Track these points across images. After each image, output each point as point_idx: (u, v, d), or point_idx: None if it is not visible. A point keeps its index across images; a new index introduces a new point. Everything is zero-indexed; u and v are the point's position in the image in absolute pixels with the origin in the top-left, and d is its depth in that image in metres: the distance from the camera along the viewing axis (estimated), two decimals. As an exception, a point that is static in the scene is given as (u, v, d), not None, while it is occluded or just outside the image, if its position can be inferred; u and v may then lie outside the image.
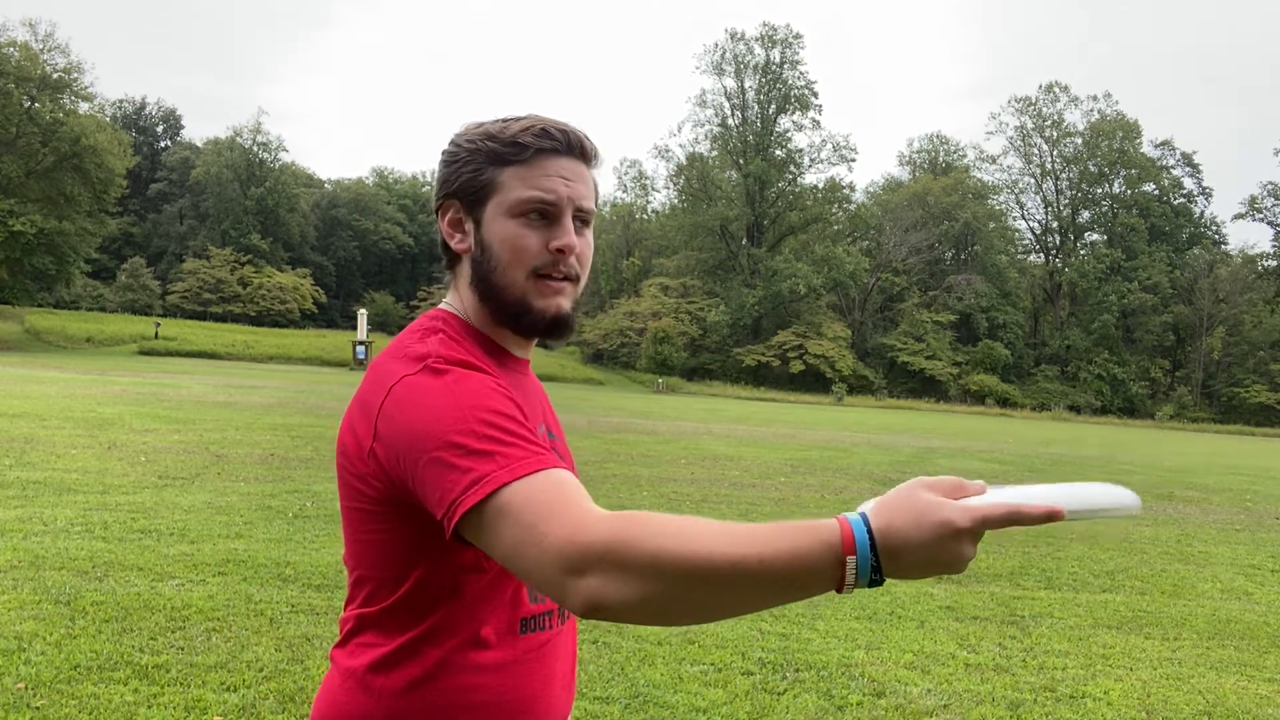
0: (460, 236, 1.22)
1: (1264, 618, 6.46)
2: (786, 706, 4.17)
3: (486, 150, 1.19)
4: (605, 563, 0.90)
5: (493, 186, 1.19)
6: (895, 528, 0.89)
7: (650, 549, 0.89)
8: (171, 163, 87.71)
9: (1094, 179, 79.35)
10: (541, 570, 0.94)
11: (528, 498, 0.97)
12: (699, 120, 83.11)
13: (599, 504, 1.00)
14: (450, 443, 1.02)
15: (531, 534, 0.95)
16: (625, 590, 0.90)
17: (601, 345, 69.36)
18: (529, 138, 1.18)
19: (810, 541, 0.88)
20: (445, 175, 1.23)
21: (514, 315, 1.21)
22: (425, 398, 1.06)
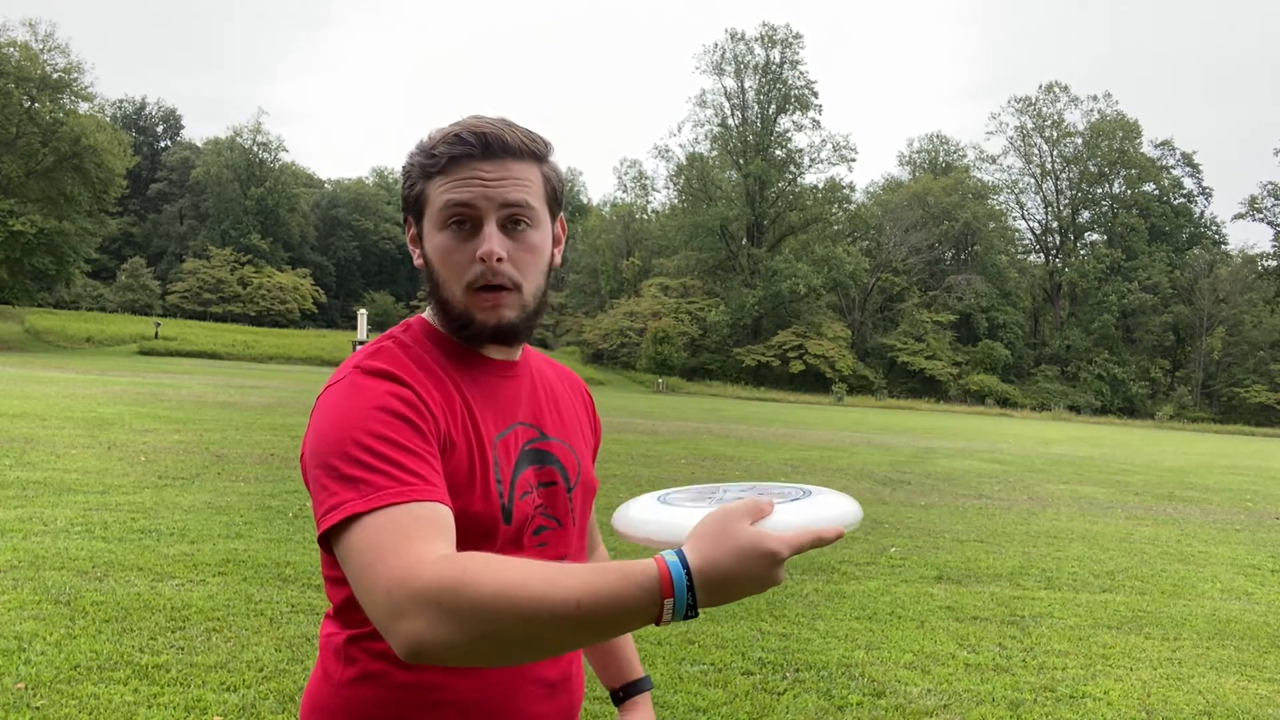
0: (418, 252, 1.22)
1: (1264, 618, 6.46)
2: (786, 706, 4.17)
3: (417, 164, 1.17)
4: (427, 608, 0.90)
5: (424, 199, 1.17)
6: (718, 563, 0.92)
7: (472, 596, 0.90)
8: (171, 163, 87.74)
9: (1094, 179, 79.35)
10: (372, 609, 0.95)
11: (372, 533, 0.97)
12: (699, 120, 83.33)
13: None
14: (325, 463, 1.03)
15: (367, 571, 0.96)
16: (446, 635, 0.90)
17: (601, 345, 69.36)
18: (443, 145, 1.14)
19: (628, 587, 0.91)
20: (401, 193, 1.22)
21: (460, 327, 1.19)
22: (324, 412, 1.08)
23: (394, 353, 1.15)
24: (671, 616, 0.92)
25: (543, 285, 1.22)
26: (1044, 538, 9.32)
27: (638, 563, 0.93)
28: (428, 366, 1.16)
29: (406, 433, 1.05)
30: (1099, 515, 11.38)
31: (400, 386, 1.09)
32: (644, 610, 0.92)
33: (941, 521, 9.98)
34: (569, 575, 0.92)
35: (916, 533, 9.09)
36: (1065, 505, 12.20)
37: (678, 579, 0.91)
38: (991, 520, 10.34)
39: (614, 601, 0.91)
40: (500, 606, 0.90)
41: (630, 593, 0.91)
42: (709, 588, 0.92)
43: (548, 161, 1.21)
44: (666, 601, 0.91)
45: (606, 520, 1.23)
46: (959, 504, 11.59)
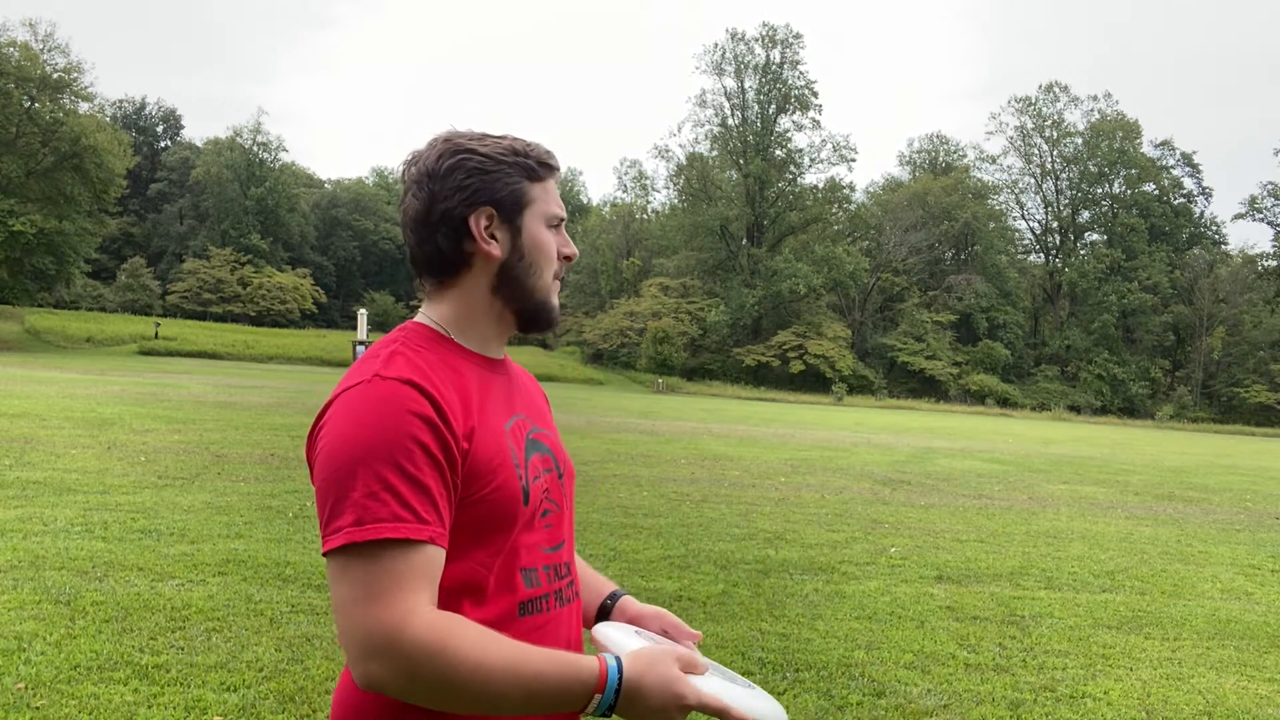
0: (492, 243, 1.29)
1: (1264, 618, 6.45)
2: (786, 706, 4.17)
3: (521, 165, 1.29)
4: (399, 663, 1.05)
5: (528, 198, 1.30)
6: (643, 683, 1.12)
7: (440, 669, 1.06)
8: (171, 163, 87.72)
9: (1094, 179, 79.34)
10: (348, 639, 1.07)
11: (368, 569, 1.08)
12: (699, 120, 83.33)
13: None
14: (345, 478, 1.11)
15: (355, 606, 1.07)
16: (406, 689, 1.07)
17: (601, 345, 69.35)
18: (547, 159, 1.32)
19: (573, 682, 1.11)
20: (476, 185, 1.27)
21: (535, 312, 1.34)
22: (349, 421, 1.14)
23: (409, 359, 1.21)
24: (595, 710, 1.12)
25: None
26: (1044, 538, 9.32)
27: (585, 660, 1.13)
28: (438, 368, 1.22)
29: (421, 464, 1.12)
30: (1099, 515, 11.38)
31: (423, 398, 1.15)
32: (577, 699, 1.11)
33: (941, 521, 9.98)
34: (529, 662, 1.10)
35: (916, 533, 9.09)
36: (1065, 505, 12.20)
37: (610, 682, 1.12)
38: (991, 520, 10.34)
39: (557, 691, 1.10)
40: (461, 684, 1.07)
41: (573, 686, 1.11)
42: (628, 698, 1.12)
43: None
44: (596, 696, 1.11)
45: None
46: (959, 504, 11.59)
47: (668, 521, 8.72)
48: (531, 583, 1.27)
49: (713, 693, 1.14)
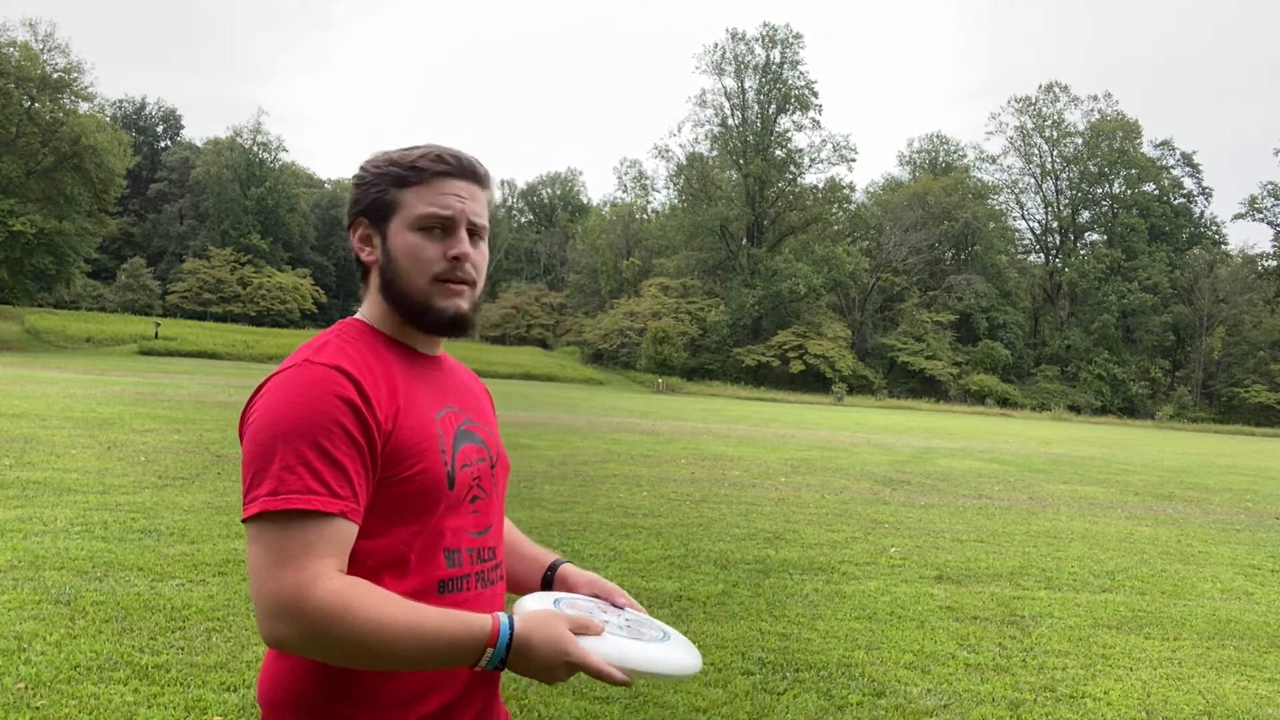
0: (369, 250, 1.39)
1: (1264, 618, 6.45)
2: (786, 706, 4.17)
3: (390, 174, 1.37)
4: (303, 625, 1.14)
5: (396, 205, 1.36)
6: (531, 642, 1.22)
7: (343, 630, 1.15)
8: (171, 163, 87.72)
9: (1094, 179, 79.36)
10: (260, 595, 1.16)
11: (281, 536, 1.17)
12: (699, 120, 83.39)
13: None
14: (267, 451, 1.20)
15: (267, 568, 1.16)
16: (308, 647, 1.17)
17: (601, 345, 69.36)
18: (426, 163, 1.36)
19: (465, 638, 1.20)
20: (355, 196, 1.40)
21: (418, 315, 1.37)
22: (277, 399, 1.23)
23: (340, 346, 1.31)
24: (486, 663, 1.22)
25: (484, 288, 1.44)
26: (1044, 538, 9.32)
27: (479, 618, 1.22)
28: (368, 356, 1.32)
29: (340, 443, 1.21)
30: (1099, 515, 11.38)
31: (348, 382, 1.25)
32: (471, 654, 1.21)
33: (941, 521, 9.98)
34: (425, 621, 1.19)
35: (916, 533, 9.09)
36: (1065, 505, 12.20)
37: (501, 639, 1.22)
38: (991, 520, 10.34)
39: (452, 646, 1.20)
40: (362, 643, 1.15)
41: (467, 642, 1.20)
42: (517, 653, 1.22)
43: (490, 188, 1.44)
44: (489, 650, 1.21)
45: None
46: (959, 504, 11.59)
47: (668, 521, 8.72)
48: (454, 563, 1.35)
49: (598, 654, 1.24)
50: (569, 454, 14.36)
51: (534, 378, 58.15)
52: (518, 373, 58.87)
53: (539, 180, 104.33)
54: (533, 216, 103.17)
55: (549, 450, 14.72)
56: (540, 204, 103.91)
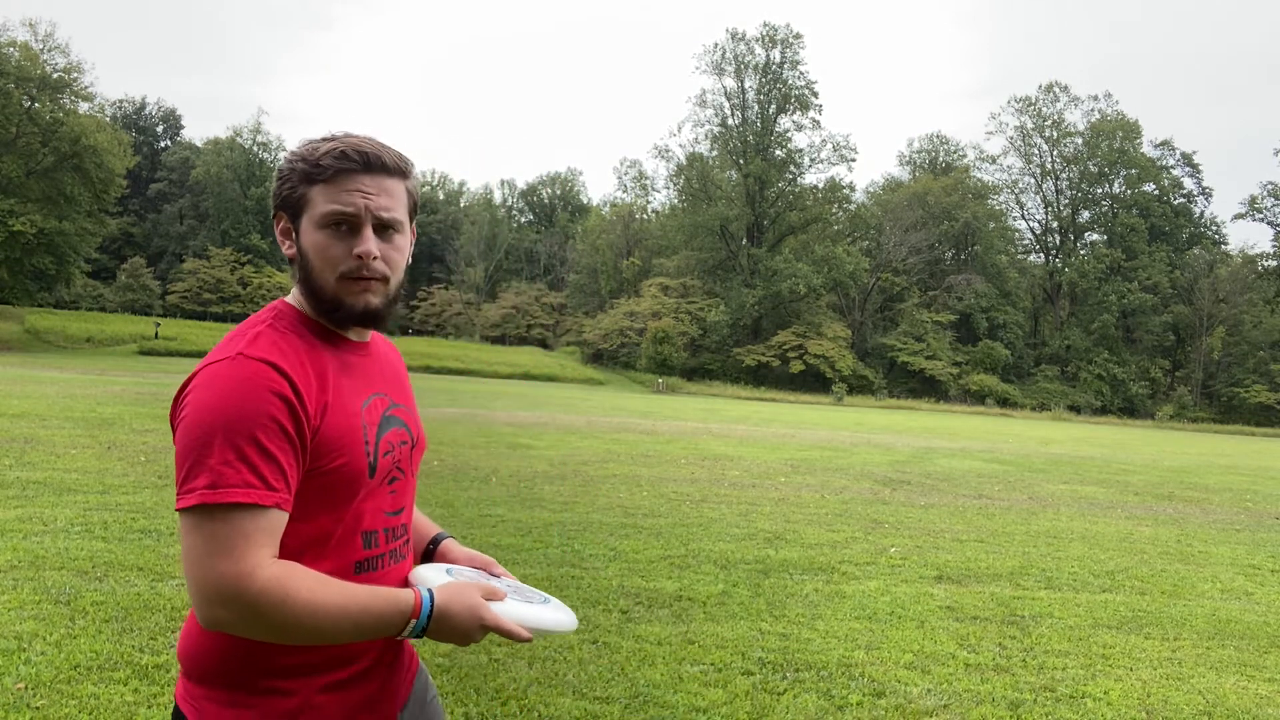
0: (289, 243, 1.43)
1: (1264, 618, 6.45)
2: (786, 706, 4.17)
3: (299, 170, 1.38)
4: (243, 610, 1.22)
5: (305, 201, 1.39)
6: (450, 610, 1.34)
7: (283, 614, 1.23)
8: (171, 163, 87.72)
9: (1094, 179, 79.35)
10: (199, 583, 1.23)
11: (218, 526, 1.22)
12: (699, 120, 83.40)
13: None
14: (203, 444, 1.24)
15: (208, 556, 1.22)
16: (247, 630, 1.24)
17: (601, 345, 69.35)
18: (329, 159, 1.37)
19: (393, 612, 1.30)
20: (275, 190, 1.43)
21: (330, 311, 1.40)
22: (211, 392, 1.27)
23: (272, 339, 1.35)
24: (409, 633, 1.33)
25: (402, 280, 1.46)
26: (1044, 538, 9.32)
27: (404, 593, 1.32)
28: (300, 349, 1.36)
29: (274, 438, 1.26)
30: (1099, 515, 11.38)
31: (281, 377, 1.29)
32: (395, 627, 1.31)
33: (941, 521, 9.98)
34: (355, 599, 1.28)
35: (916, 533, 9.09)
36: (1065, 505, 12.20)
37: (424, 609, 1.32)
38: (991, 520, 10.34)
39: (380, 620, 1.29)
40: (297, 623, 1.24)
41: (393, 616, 1.30)
42: (437, 621, 1.33)
43: (410, 177, 1.45)
44: (412, 621, 1.32)
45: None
46: (959, 504, 11.59)
47: (668, 521, 8.72)
48: (370, 544, 1.43)
49: (506, 615, 1.38)
50: (569, 454, 14.35)
51: (534, 378, 58.16)
52: (518, 373, 58.88)
53: (539, 180, 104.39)
54: (533, 216, 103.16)
55: (549, 450, 14.72)
56: (540, 204, 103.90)
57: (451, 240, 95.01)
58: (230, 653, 1.33)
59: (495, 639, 4.43)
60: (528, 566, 6.47)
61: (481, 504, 8.96)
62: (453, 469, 11.45)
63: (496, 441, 15.45)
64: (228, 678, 1.33)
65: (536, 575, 6.22)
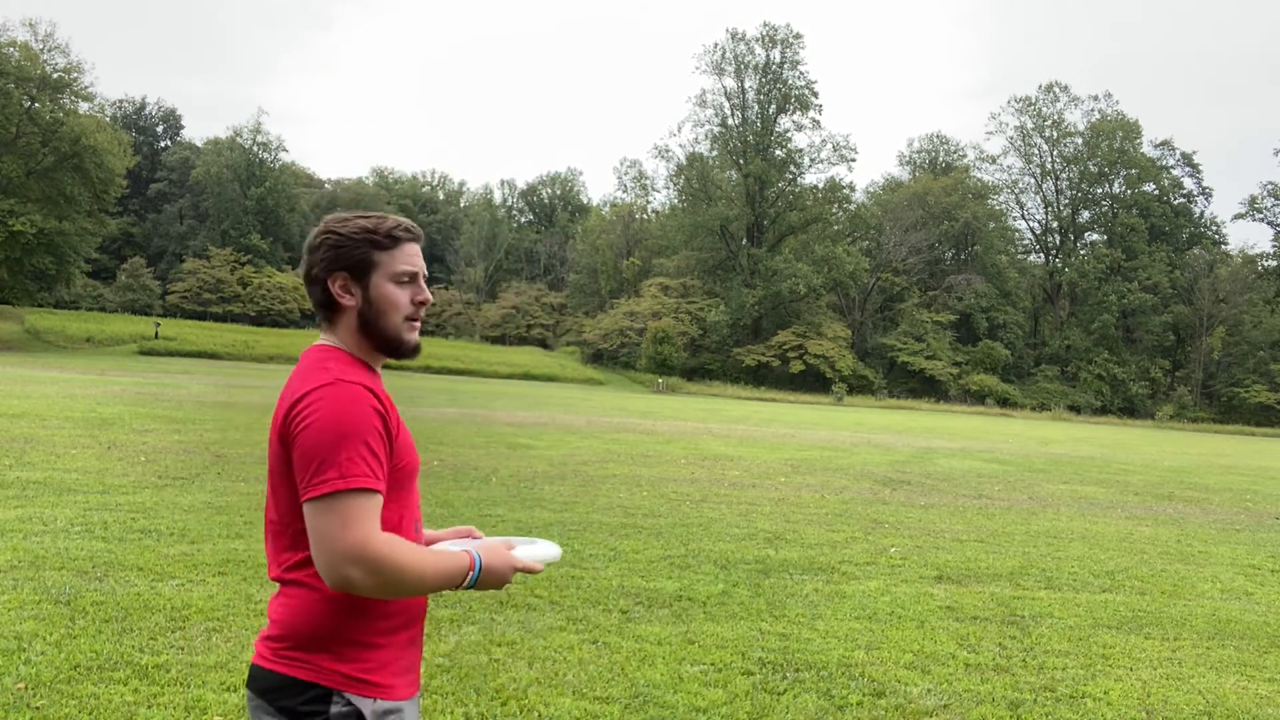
0: (349, 297, 1.78)
1: (1264, 618, 6.46)
2: (786, 706, 4.17)
3: (370, 239, 1.78)
4: (365, 569, 1.57)
5: (372, 262, 1.78)
6: (492, 563, 1.73)
7: (391, 569, 1.59)
8: (171, 163, 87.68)
9: (1094, 179, 79.33)
10: (334, 551, 1.57)
11: (347, 506, 1.59)
12: (699, 120, 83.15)
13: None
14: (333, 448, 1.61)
15: (341, 528, 1.58)
16: (367, 586, 1.59)
17: (601, 345, 69.34)
18: (399, 232, 1.80)
19: (456, 569, 1.68)
20: (333, 255, 1.78)
21: (393, 347, 1.81)
22: (332, 408, 1.63)
23: (360, 370, 1.75)
24: (467, 584, 1.70)
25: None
26: (1044, 538, 9.32)
27: (462, 555, 1.70)
28: (368, 378, 1.74)
29: (378, 442, 1.66)
30: (1099, 515, 11.38)
31: (374, 399, 1.69)
32: (458, 580, 1.69)
33: (941, 521, 9.98)
34: (435, 560, 1.67)
35: (916, 533, 9.09)
36: (1065, 505, 12.21)
37: (477, 564, 1.71)
38: (991, 520, 10.34)
39: (449, 576, 1.68)
40: (402, 577, 1.61)
41: (456, 572, 1.68)
42: (485, 573, 1.72)
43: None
44: (470, 574, 1.69)
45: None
46: (959, 504, 11.59)
47: (668, 521, 8.72)
48: (415, 530, 1.83)
49: (525, 556, 1.80)
50: (569, 454, 14.35)
51: (534, 378, 58.16)
52: (518, 373, 58.88)
53: (539, 180, 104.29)
54: (533, 216, 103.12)
55: (549, 450, 14.72)
56: (540, 204, 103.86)
57: (451, 240, 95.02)
58: (343, 620, 1.69)
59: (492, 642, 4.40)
60: (528, 566, 6.47)
61: (481, 504, 8.96)
62: (453, 469, 11.45)
63: (496, 441, 15.45)
64: (339, 639, 1.69)
65: (536, 575, 6.22)
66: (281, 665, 1.69)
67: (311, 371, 1.69)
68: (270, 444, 1.73)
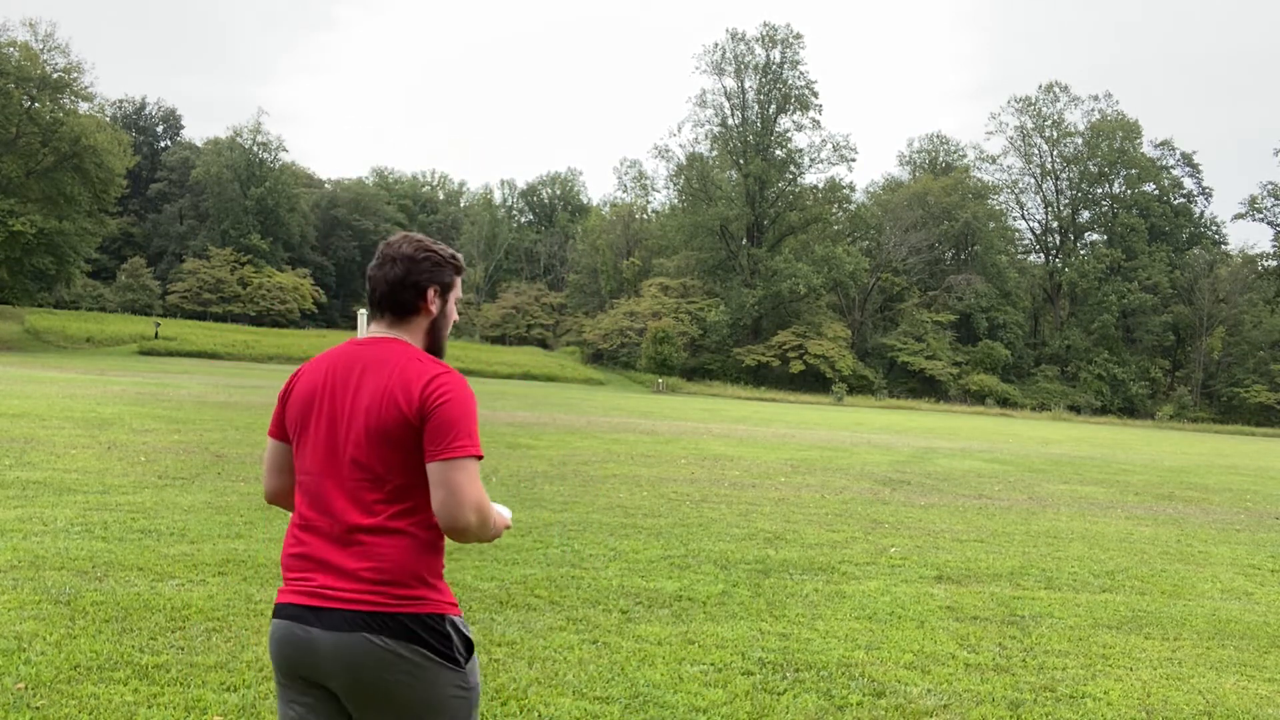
0: (437, 305, 2.18)
1: (1264, 618, 6.46)
2: (786, 706, 4.17)
3: (454, 265, 2.22)
4: (480, 517, 1.99)
5: (454, 285, 2.23)
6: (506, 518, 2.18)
7: (489, 519, 2.02)
8: (171, 163, 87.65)
9: (1094, 179, 79.28)
10: (459, 503, 1.95)
11: (476, 470, 2.01)
12: (699, 120, 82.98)
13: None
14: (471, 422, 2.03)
15: (466, 485, 1.96)
16: (474, 529, 1.99)
17: (601, 345, 69.34)
18: (463, 264, 2.25)
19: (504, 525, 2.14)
20: (433, 271, 2.16)
21: (439, 350, 2.21)
22: (465, 395, 2.04)
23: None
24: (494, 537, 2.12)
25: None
26: (1044, 538, 9.32)
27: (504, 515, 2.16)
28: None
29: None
30: (1099, 515, 11.38)
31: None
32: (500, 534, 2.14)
33: (941, 521, 9.98)
34: (498, 515, 2.12)
35: (916, 533, 9.09)
36: (1065, 505, 12.21)
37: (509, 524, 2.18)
38: (991, 520, 10.34)
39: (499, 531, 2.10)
40: (491, 526, 2.04)
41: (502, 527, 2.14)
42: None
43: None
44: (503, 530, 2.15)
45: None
46: (959, 504, 11.59)
47: (668, 521, 8.73)
48: None
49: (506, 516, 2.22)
50: (569, 454, 14.36)
51: (534, 378, 58.17)
52: (518, 373, 58.89)
53: (539, 180, 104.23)
54: (533, 216, 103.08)
55: (549, 450, 14.72)
56: (540, 204, 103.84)
57: (451, 240, 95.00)
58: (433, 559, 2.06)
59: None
60: (528, 566, 6.47)
61: (481, 504, 8.96)
62: (453, 469, 11.44)
63: (496, 441, 15.45)
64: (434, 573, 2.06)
65: (536, 575, 6.22)
66: (397, 603, 1.97)
67: (419, 361, 2.07)
68: (372, 411, 2.00)
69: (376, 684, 1.95)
